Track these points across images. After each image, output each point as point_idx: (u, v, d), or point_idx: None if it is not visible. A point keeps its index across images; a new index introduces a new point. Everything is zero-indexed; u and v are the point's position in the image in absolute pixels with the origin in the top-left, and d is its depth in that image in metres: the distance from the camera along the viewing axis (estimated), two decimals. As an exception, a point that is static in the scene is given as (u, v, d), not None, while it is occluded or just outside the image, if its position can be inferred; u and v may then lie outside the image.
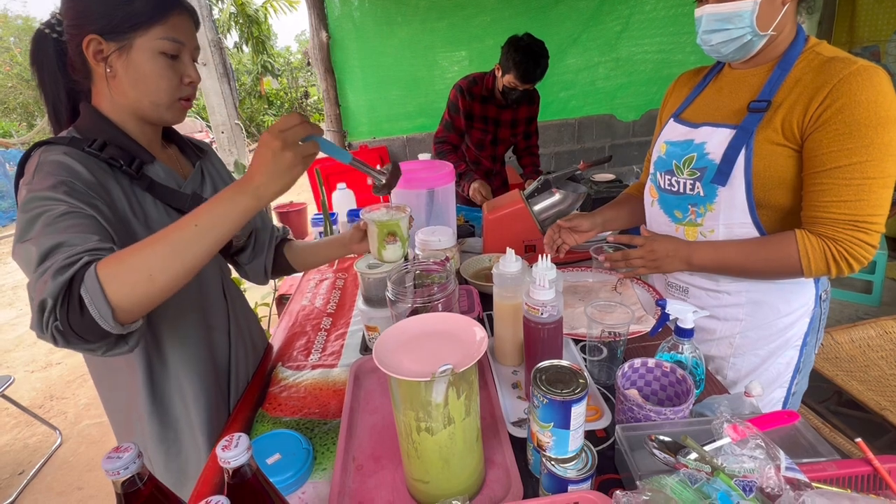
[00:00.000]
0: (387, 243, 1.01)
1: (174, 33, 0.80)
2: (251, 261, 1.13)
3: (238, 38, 10.36)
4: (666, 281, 1.19)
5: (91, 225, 0.67)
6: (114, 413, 0.95)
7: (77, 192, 0.70)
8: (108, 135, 0.81)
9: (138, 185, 0.83)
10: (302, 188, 7.21)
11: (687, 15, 3.34)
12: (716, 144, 0.97)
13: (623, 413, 0.79)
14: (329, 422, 0.93)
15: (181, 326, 0.90)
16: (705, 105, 1.05)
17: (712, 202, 0.99)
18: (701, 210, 1.02)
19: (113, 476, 0.47)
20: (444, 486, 0.69)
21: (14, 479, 2.30)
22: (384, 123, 3.54)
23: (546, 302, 0.81)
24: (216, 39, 3.84)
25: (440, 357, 0.62)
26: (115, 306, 0.60)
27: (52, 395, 2.91)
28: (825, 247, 0.89)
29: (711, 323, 1.11)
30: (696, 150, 1.00)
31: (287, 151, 0.66)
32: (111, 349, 0.66)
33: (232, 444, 0.50)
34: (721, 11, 0.90)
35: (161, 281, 0.62)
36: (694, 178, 1.00)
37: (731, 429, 0.66)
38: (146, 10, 0.77)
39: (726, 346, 1.11)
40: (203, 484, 0.80)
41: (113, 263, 0.60)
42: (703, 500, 0.56)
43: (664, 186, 1.08)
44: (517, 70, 1.96)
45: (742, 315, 1.07)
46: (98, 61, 0.78)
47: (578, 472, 0.64)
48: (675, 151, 1.05)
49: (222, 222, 0.65)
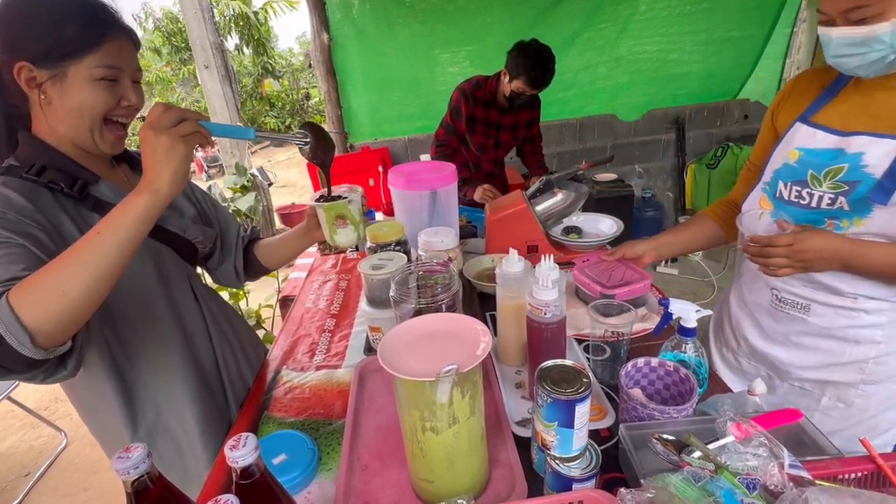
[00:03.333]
0: (337, 227, 1.00)
1: (110, 59, 0.77)
2: (220, 264, 1.13)
3: (238, 39, 10.39)
4: (777, 296, 1.02)
5: (19, 255, 0.65)
6: (103, 435, 0.95)
7: (7, 221, 0.68)
8: (47, 159, 0.79)
9: (84, 206, 0.81)
10: (304, 189, 7.23)
11: (686, 14, 3.34)
12: (878, 157, 0.85)
13: (627, 412, 0.80)
14: (334, 422, 0.93)
15: (156, 338, 0.90)
16: (853, 110, 0.91)
17: (862, 217, 0.87)
18: (844, 224, 0.89)
19: (123, 475, 0.48)
20: (448, 486, 0.69)
21: (20, 480, 2.31)
22: (385, 125, 3.55)
23: (549, 302, 0.82)
24: (217, 42, 3.85)
25: (444, 357, 0.62)
26: (32, 331, 0.58)
27: (56, 398, 2.92)
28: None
29: (839, 345, 0.97)
30: (848, 160, 0.88)
31: (161, 136, 0.66)
32: (50, 375, 0.65)
33: (240, 443, 0.51)
34: (854, 35, 0.80)
35: (74, 296, 0.60)
36: (837, 191, 0.88)
37: (734, 427, 0.66)
38: (78, 38, 0.74)
39: (855, 371, 0.97)
40: (211, 484, 0.80)
41: (23, 288, 0.59)
42: (707, 497, 0.56)
43: (789, 198, 0.95)
44: (527, 76, 1.96)
45: (880, 338, 0.94)
46: (31, 88, 0.76)
47: (582, 471, 0.65)
48: (813, 161, 0.92)
49: (124, 226, 0.64)
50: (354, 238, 1.02)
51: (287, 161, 9.26)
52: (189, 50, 6.51)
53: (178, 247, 0.97)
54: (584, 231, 1.65)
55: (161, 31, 10.25)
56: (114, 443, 0.94)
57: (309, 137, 0.90)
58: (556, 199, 1.55)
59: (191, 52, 4.36)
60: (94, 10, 0.78)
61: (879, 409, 0.98)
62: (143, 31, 10.44)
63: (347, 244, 1.02)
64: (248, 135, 0.82)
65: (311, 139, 0.90)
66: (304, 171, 5.35)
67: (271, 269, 1.22)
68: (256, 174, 4.03)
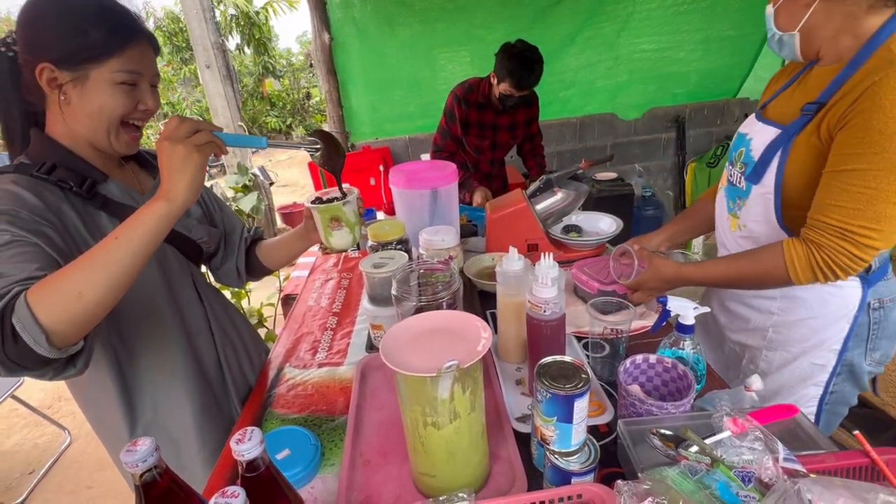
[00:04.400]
0: (332, 229, 0.99)
1: (131, 65, 0.79)
2: (223, 263, 1.14)
3: (239, 39, 10.39)
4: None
5: (34, 253, 0.67)
6: (103, 431, 0.96)
7: (21, 220, 0.69)
8: (58, 158, 0.80)
9: (92, 205, 0.82)
10: (305, 188, 7.24)
11: (683, 14, 3.35)
12: (760, 143, 0.97)
13: (625, 408, 0.81)
14: (336, 418, 0.94)
15: (159, 337, 0.91)
16: (782, 102, 1.02)
17: (745, 198, 1.01)
18: (740, 204, 1.04)
19: (132, 469, 0.49)
20: (450, 480, 0.70)
21: (24, 478, 2.32)
22: (386, 124, 3.56)
23: (549, 299, 0.83)
24: (219, 42, 3.86)
25: (445, 353, 0.63)
26: (48, 330, 0.60)
27: (60, 396, 2.93)
28: (810, 254, 0.87)
29: (746, 311, 1.13)
30: (745, 145, 1.02)
31: (177, 146, 0.68)
32: (59, 373, 0.66)
33: (245, 437, 0.52)
34: (768, 14, 0.94)
35: (90, 298, 0.62)
36: (741, 172, 1.02)
37: (731, 422, 0.67)
38: (102, 43, 0.76)
39: (760, 337, 1.12)
40: (217, 477, 0.82)
41: (41, 288, 0.61)
42: (703, 490, 0.57)
43: (728, 176, 1.09)
44: (511, 78, 1.98)
45: (775, 309, 1.07)
46: (52, 88, 0.77)
47: (581, 465, 0.66)
48: (736, 144, 1.07)
49: (141, 232, 0.66)
50: (350, 241, 1.01)
51: (288, 161, 9.27)
52: (190, 50, 6.52)
53: (183, 246, 0.98)
54: (583, 230, 1.66)
55: (162, 30, 10.25)
56: (112, 438, 0.95)
57: (320, 145, 0.91)
58: (556, 198, 1.56)
59: (192, 51, 4.37)
60: (119, 15, 0.80)
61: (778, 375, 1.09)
62: (144, 32, 10.42)
63: (343, 247, 1.01)
64: (261, 144, 0.83)
65: (321, 146, 0.91)
66: (305, 170, 5.36)
67: (272, 270, 1.23)
68: (258, 174, 4.04)
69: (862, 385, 1.09)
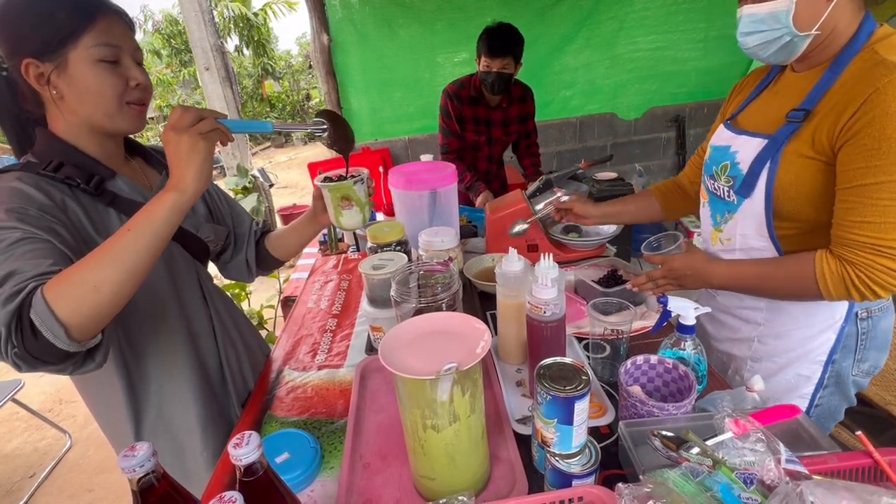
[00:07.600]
0: (342, 209, 0.99)
1: (106, 38, 0.78)
2: (232, 258, 1.14)
3: (238, 41, 10.41)
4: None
5: (46, 249, 0.67)
6: (110, 431, 0.97)
7: (30, 217, 0.70)
8: (64, 155, 0.81)
9: (100, 201, 0.83)
10: (305, 190, 7.24)
11: (680, 13, 3.35)
12: (747, 154, 0.94)
13: (626, 409, 0.80)
14: (336, 421, 0.94)
15: (164, 337, 0.91)
16: (756, 111, 1.00)
17: (734, 212, 0.98)
18: (727, 217, 1.00)
19: (129, 474, 0.49)
20: (450, 483, 0.70)
21: (25, 481, 2.32)
22: (386, 125, 3.56)
23: (548, 300, 0.82)
24: (218, 44, 3.86)
25: (445, 356, 0.63)
26: (66, 324, 0.60)
27: (61, 399, 2.93)
28: (843, 271, 0.82)
29: (734, 321, 1.11)
30: (729, 158, 0.98)
31: (182, 135, 0.68)
32: (78, 367, 0.67)
33: (243, 441, 0.52)
34: (757, 13, 0.84)
35: (106, 291, 0.62)
36: (728, 185, 0.98)
37: (732, 423, 0.67)
38: (70, 20, 0.76)
39: (746, 347, 1.10)
40: (215, 482, 0.81)
41: (58, 283, 0.61)
42: (705, 492, 0.57)
43: (711, 189, 1.05)
44: (483, 46, 2.00)
45: (761, 319, 1.05)
46: (42, 85, 0.78)
47: (582, 468, 0.65)
48: (715, 157, 1.03)
49: (153, 222, 0.66)
50: (360, 220, 1.00)
51: (288, 162, 9.28)
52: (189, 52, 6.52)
53: (190, 245, 0.98)
54: (583, 230, 1.66)
55: (160, 33, 10.27)
56: (119, 439, 0.95)
57: (326, 125, 0.90)
58: (556, 198, 1.55)
59: (191, 53, 4.37)
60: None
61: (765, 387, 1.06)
62: (143, 34, 10.45)
63: (353, 226, 1.01)
64: (267, 128, 0.82)
65: (328, 126, 0.90)
66: (304, 172, 5.35)
67: (283, 261, 1.22)
68: (258, 175, 4.04)
69: (849, 398, 1.07)
